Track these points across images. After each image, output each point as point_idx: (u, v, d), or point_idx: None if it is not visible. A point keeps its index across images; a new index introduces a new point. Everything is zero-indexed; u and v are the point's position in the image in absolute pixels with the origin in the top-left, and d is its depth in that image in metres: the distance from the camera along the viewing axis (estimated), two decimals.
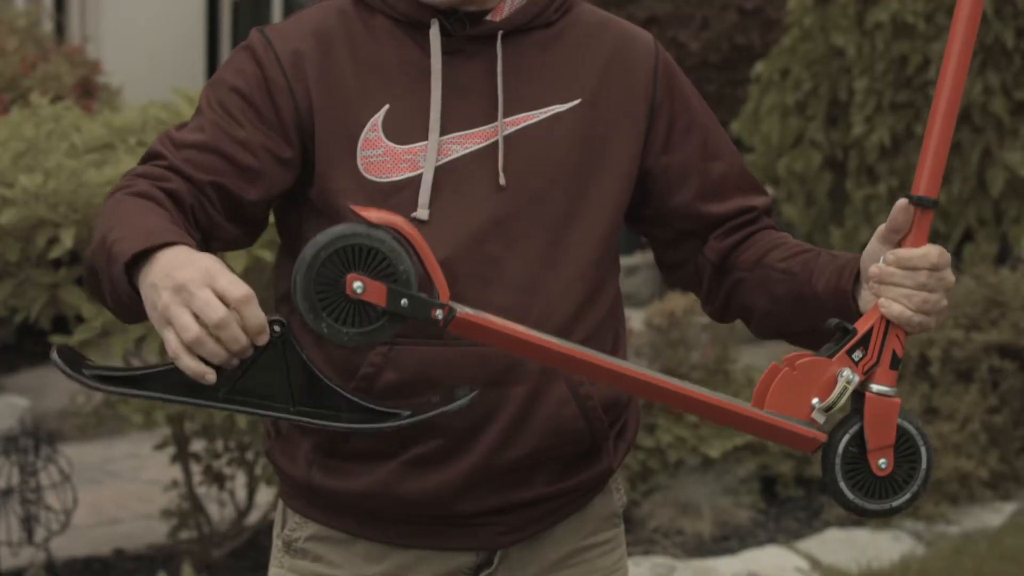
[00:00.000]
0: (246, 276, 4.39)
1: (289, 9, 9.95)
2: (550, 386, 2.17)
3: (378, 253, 1.93)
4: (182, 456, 4.90)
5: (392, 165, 2.14)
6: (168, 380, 1.93)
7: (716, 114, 2.37)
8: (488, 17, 2.19)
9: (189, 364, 1.87)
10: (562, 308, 2.17)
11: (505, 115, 2.16)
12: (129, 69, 8.97)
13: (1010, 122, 6.73)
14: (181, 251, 1.93)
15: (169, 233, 1.96)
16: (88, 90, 7.95)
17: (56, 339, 4.32)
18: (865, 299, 2.12)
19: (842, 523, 5.43)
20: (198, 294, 1.86)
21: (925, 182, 2.08)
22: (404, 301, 1.93)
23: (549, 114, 2.18)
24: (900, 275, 2.07)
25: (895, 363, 2.10)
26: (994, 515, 5.60)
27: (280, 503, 2.34)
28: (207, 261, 1.91)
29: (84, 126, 4.74)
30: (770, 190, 7.57)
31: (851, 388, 2.07)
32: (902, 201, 2.07)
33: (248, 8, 10.13)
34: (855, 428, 2.08)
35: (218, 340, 1.87)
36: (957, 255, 6.90)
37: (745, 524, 5.51)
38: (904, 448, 2.09)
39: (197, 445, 5.03)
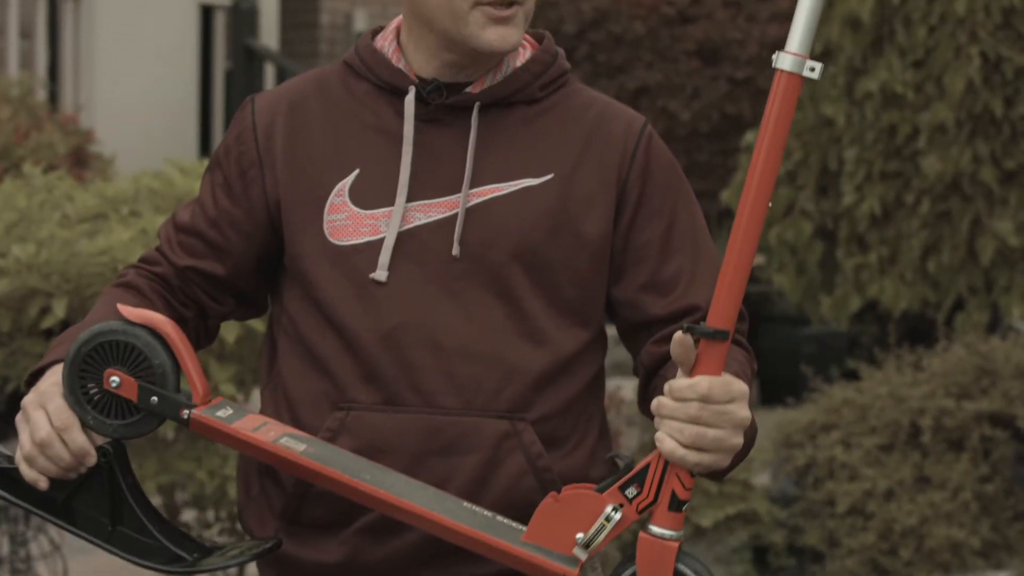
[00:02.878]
0: (237, 346, 4.40)
1: (281, 77, 9.99)
2: (507, 456, 2.16)
3: (134, 348, 2.07)
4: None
5: (353, 229, 2.18)
6: (19, 481, 2.13)
7: (706, 183, 2.36)
8: (468, 88, 2.21)
9: (26, 472, 2.10)
10: (521, 380, 2.16)
11: (473, 186, 2.18)
12: (122, 138, 8.99)
13: (999, 191, 6.76)
14: (53, 371, 2.13)
15: (65, 348, 2.12)
16: (81, 159, 7.98)
17: None
18: None
19: None
20: (32, 415, 2.10)
21: (717, 312, 1.97)
22: (154, 399, 2.07)
23: (519, 187, 2.19)
24: (671, 407, 1.97)
25: (676, 504, 1.98)
26: None
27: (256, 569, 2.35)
28: (46, 384, 2.11)
29: (77, 196, 4.75)
30: (761, 259, 7.59)
31: (610, 525, 1.98)
32: (678, 334, 1.97)
33: (241, 76, 10.17)
34: (629, 571, 1.98)
35: (47, 457, 2.08)
36: (948, 324, 6.90)
37: None
38: None
39: (188, 515, 5.01)
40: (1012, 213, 6.72)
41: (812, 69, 1.95)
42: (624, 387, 6.22)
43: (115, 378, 2.07)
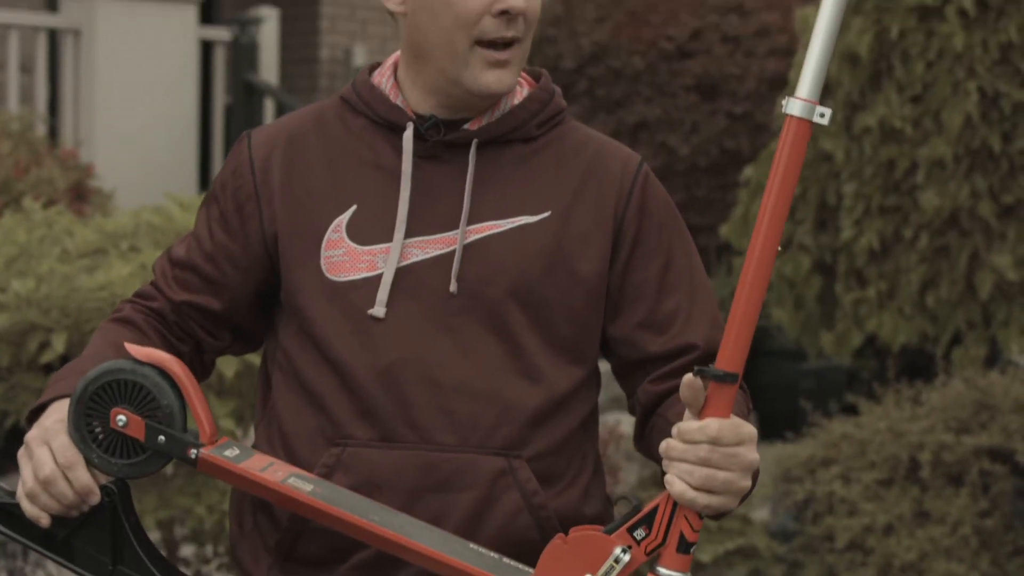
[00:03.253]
0: (236, 380, 4.40)
1: (280, 112, 10.01)
2: (502, 494, 2.16)
3: (142, 388, 2.06)
4: (172, 561, 4.87)
5: (351, 265, 2.19)
6: (19, 517, 2.12)
7: (705, 218, 2.37)
8: (466, 126, 2.22)
9: (27, 508, 2.10)
10: (517, 418, 2.16)
11: (470, 223, 2.19)
12: (122, 172, 9.00)
13: (998, 225, 6.77)
14: (56, 406, 2.13)
15: (67, 384, 2.13)
16: (81, 194, 7.98)
17: None
18: None
19: None
20: (36, 451, 2.09)
21: (726, 355, 1.97)
22: (161, 438, 2.06)
23: (516, 224, 2.19)
24: (681, 449, 1.98)
25: (684, 546, 1.98)
26: None
27: None
28: (50, 420, 2.10)
29: (76, 231, 4.76)
30: None
31: (619, 567, 1.98)
32: (688, 376, 1.98)
33: (241, 111, 10.19)
34: None
35: (50, 494, 2.07)
36: (946, 359, 6.90)
37: None
38: None
39: (187, 550, 5.01)
40: (1010, 247, 6.73)
41: (822, 115, 1.97)
42: (623, 422, 6.22)
43: (122, 417, 2.07)
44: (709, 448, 1.96)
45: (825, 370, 8.47)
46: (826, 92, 7.09)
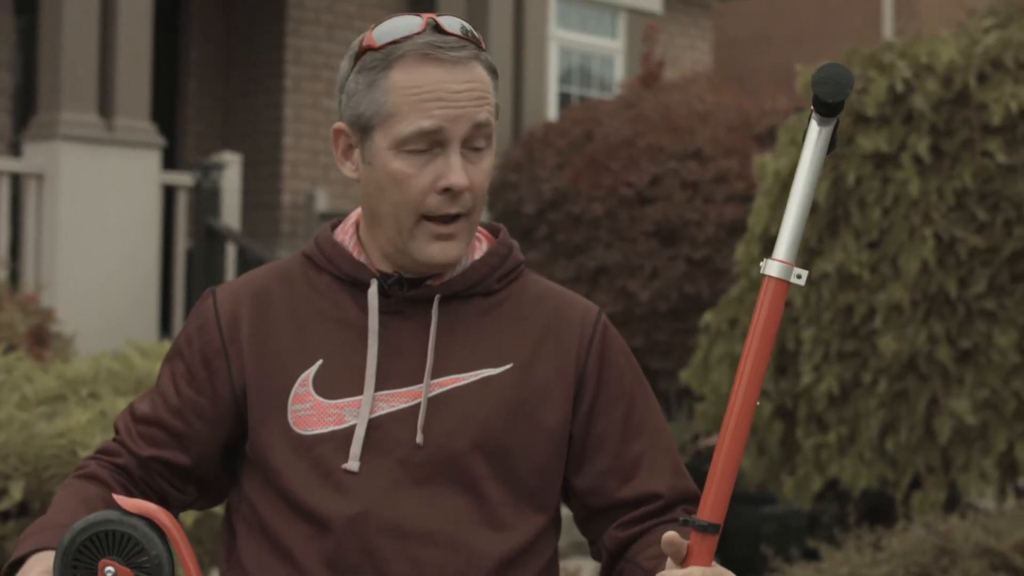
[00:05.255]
0: (196, 528, 4.37)
1: (242, 257, 10.04)
2: None
3: (131, 539, 2.05)
4: None
5: (318, 419, 2.21)
6: None
7: (665, 363, 2.41)
8: (428, 281, 2.25)
9: None
10: (482, 566, 2.19)
11: (435, 376, 2.22)
12: (83, 317, 9.00)
13: (956, 370, 6.81)
14: (37, 558, 2.11)
15: (45, 537, 2.13)
16: (41, 338, 7.97)
17: None
18: None
19: None
20: None
21: (708, 506, 2.01)
22: None
23: (479, 377, 2.23)
24: None
25: None
26: None
27: None
28: (34, 573, 2.08)
29: (36, 377, 4.75)
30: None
31: None
32: (668, 533, 2.01)
33: (202, 255, 10.21)
34: None
35: None
36: (906, 503, 6.91)
37: None
38: None
39: None
40: (968, 392, 6.77)
41: (799, 276, 2.02)
42: (584, 568, 6.19)
43: (110, 568, 2.05)
44: None
45: (787, 515, 8.47)
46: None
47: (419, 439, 2.19)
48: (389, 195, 2.20)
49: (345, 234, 2.32)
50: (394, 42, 2.20)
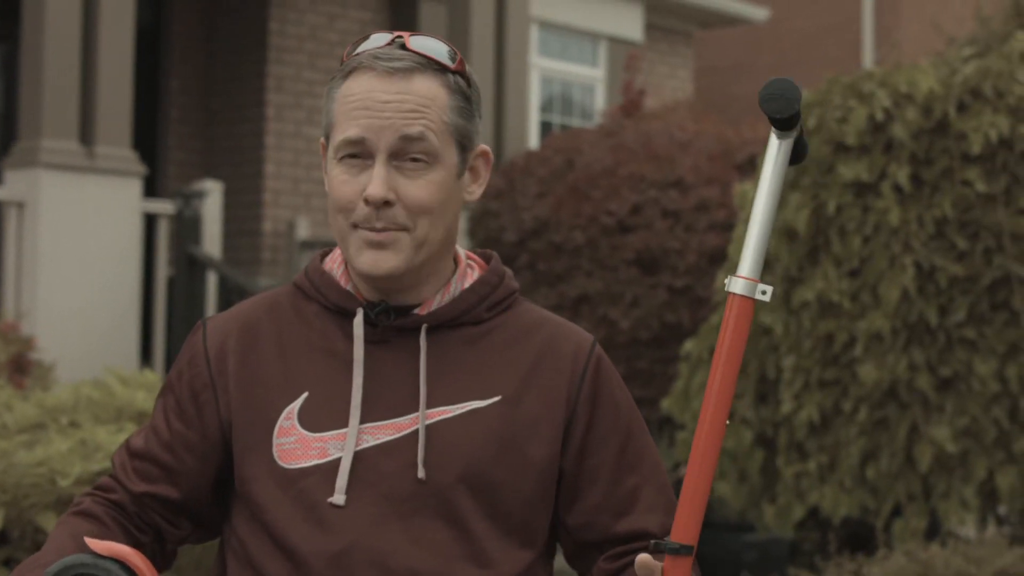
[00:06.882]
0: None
1: (223, 285, 10.02)
2: None
3: None
4: None
5: (302, 452, 2.19)
6: None
7: (646, 391, 2.39)
8: (415, 311, 2.24)
9: None
10: None
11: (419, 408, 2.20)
12: (63, 344, 8.98)
13: (936, 398, 6.82)
14: None
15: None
16: (21, 366, 7.95)
17: None
18: None
19: None
20: None
21: (680, 528, 2.01)
22: None
23: (466, 409, 2.20)
24: None
25: None
26: None
27: None
28: None
29: (16, 406, 4.74)
30: None
31: None
32: (641, 556, 2.01)
33: (183, 284, 10.20)
34: None
35: None
36: (887, 531, 6.91)
37: None
38: None
39: None
40: (949, 420, 6.77)
41: (764, 292, 2.01)
42: None
43: None
44: None
45: (768, 543, 8.47)
46: (765, 267, 7.17)
47: (421, 474, 2.17)
48: (331, 203, 2.20)
49: (334, 263, 2.30)
50: (356, 55, 2.20)
